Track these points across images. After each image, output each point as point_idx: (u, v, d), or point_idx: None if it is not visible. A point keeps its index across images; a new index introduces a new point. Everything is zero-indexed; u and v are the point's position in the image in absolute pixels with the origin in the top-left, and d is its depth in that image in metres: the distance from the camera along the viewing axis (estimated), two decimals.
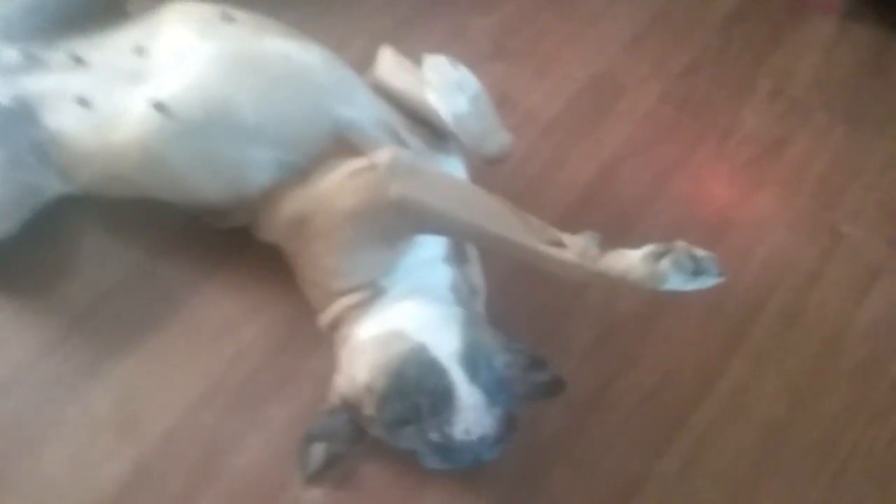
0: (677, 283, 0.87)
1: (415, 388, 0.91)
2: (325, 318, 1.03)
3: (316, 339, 1.07)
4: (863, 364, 1.12)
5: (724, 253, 1.17)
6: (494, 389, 0.93)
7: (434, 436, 0.91)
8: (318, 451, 1.03)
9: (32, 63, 1.09)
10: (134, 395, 1.08)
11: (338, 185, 0.99)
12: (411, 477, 1.03)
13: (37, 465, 1.03)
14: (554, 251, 0.92)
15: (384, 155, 0.97)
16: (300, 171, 1.02)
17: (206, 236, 1.16)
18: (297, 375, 1.10)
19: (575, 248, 0.91)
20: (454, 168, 1.11)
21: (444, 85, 1.06)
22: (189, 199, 1.08)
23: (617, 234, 1.21)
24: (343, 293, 1.01)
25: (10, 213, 1.08)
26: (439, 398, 0.91)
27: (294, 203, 1.02)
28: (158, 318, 1.13)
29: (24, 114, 1.05)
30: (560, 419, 1.08)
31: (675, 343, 1.14)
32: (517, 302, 1.13)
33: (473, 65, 1.10)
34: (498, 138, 1.08)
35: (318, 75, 1.05)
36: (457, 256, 1.07)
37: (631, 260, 0.89)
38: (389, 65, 1.14)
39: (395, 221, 0.97)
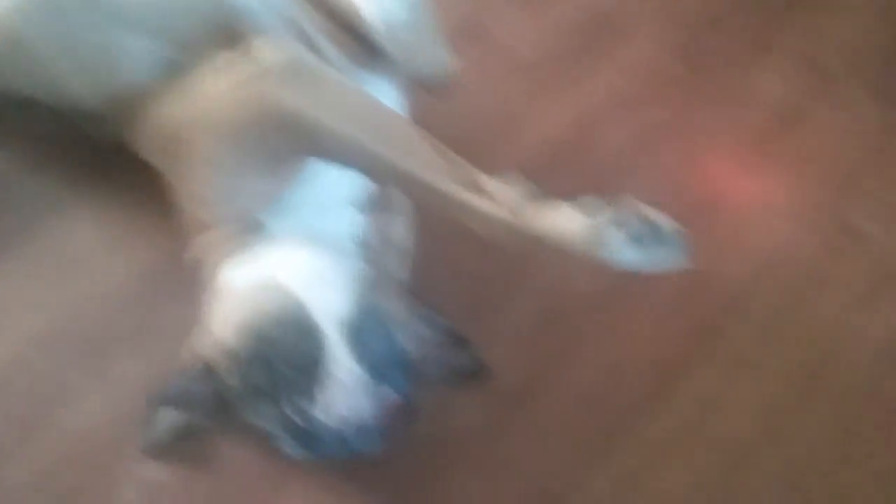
0: (627, 254, 0.65)
1: (279, 354, 0.71)
2: (191, 252, 0.83)
3: (187, 286, 0.85)
4: (854, 390, 0.90)
5: (711, 236, 0.99)
6: (384, 366, 0.73)
7: (295, 417, 0.71)
8: (168, 418, 0.82)
9: None
10: None
11: (214, 88, 0.79)
12: (278, 462, 0.82)
13: None
14: (474, 200, 0.71)
15: (271, 50, 0.76)
16: (179, 70, 0.81)
17: (84, 151, 0.95)
18: (158, 326, 0.89)
19: (502, 197, 0.70)
20: (383, 94, 0.88)
21: None
22: (56, 95, 0.88)
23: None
24: (213, 223, 0.80)
25: None
26: (307, 370, 0.70)
27: (167, 110, 0.82)
28: (8, 236, 0.93)
29: None
30: (475, 412, 0.86)
31: (631, 335, 0.92)
32: (447, 266, 0.92)
33: None
34: (438, 57, 0.86)
35: None
36: (376, 202, 0.86)
37: (569, 219, 0.68)
38: None
39: (278, 140, 0.75)
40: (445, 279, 0.91)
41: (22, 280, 0.91)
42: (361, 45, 0.87)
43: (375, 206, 0.85)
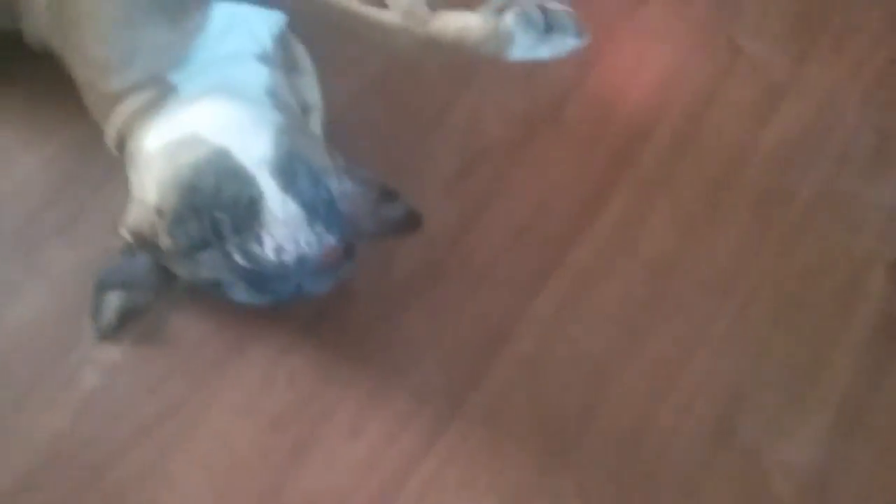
0: (526, 44, 0.71)
1: (212, 201, 0.72)
2: (108, 132, 0.82)
3: (111, 168, 0.85)
4: (765, 192, 0.97)
5: (606, 70, 1.04)
6: (320, 207, 0.75)
7: (239, 258, 0.72)
8: (114, 301, 0.82)
9: None
10: None
11: None
12: (233, 328, 0.84)
13: None
14: (372, 11, 0.76)
15: None
16: None
17: None
18: (87, 212, 0.88)
19: (399, 6, 0.75)
20: None
21: None
22: None
23: None
24: (123, 94, 0.79)
25: None
26: (242, 210, 0.72)
27: None
28: None
29: None
30: (416, 259, 0.90)
31: (550, 171, 0.97)
32: (366, 124, 0.95)
33: None
34: None
35: None
36: (282, 62, 0.87)
37: (468, 19, 0.75)
38: None
39: None
40: (363, 136, 0.94)
41: None
42: None
43: (282, 66, 0.86)
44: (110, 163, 0.85)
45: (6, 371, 0.81)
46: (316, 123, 0.89)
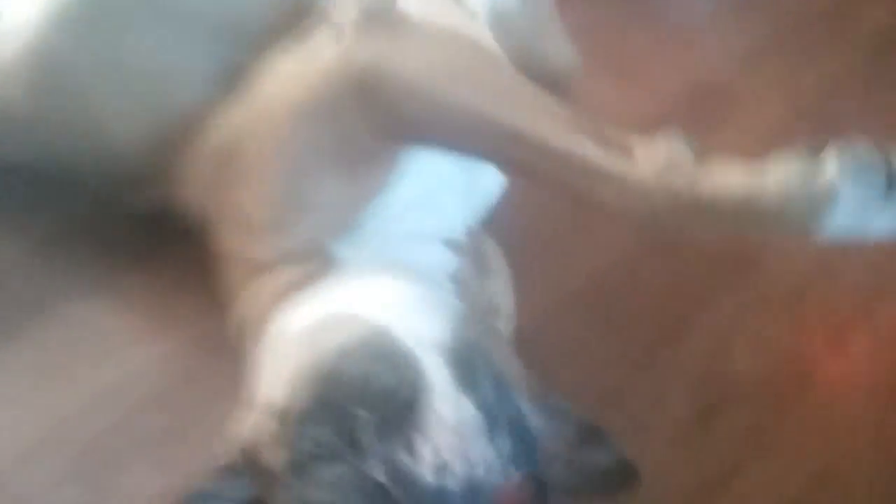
0: (856, 207, 0.47)
1: (357, 394, 0.48)
2: (235, 312, 0.62)
3: (229, 379, 0.64)
4: None
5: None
6: (506, 422, 0.50)
7: (380, 474, 0.46)
8: None
9: None
10: None
11: (284, 76, 0.63)
12: None
13: None
14: (615, 160, 0.53)
15: (345, 8, 0.61)
16: (239, 76, 0.65)
17: (110, 234, 0.79)
18: (186, 429, 0.68)
19: (655, 155, 0.52)
20: None
21: None
22: (96, 146, 0.72)
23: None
24: (272, 264, 0.61)
25: None
26: (397, 407, 0.47)
27: (223, 127, 0.65)
28: (23, 326, 0.74)
29: None
30: None
31: (834, 428, 0.68)
32: (569, 344, 0.72)
33: None
34: (557, 48, 0.71)
35: None
36: (472, 254, 0.67)
37: (763, 168, 0.50)
38: None
39: (363, 112, 0.58)
40: (563, 359, 0.71)
41: (26, 373, 0.72)
42: None
43: (471, 256, 0.66)
44: (229, 373, 0.64)
45: None
46: (505, 332, 0.67)
